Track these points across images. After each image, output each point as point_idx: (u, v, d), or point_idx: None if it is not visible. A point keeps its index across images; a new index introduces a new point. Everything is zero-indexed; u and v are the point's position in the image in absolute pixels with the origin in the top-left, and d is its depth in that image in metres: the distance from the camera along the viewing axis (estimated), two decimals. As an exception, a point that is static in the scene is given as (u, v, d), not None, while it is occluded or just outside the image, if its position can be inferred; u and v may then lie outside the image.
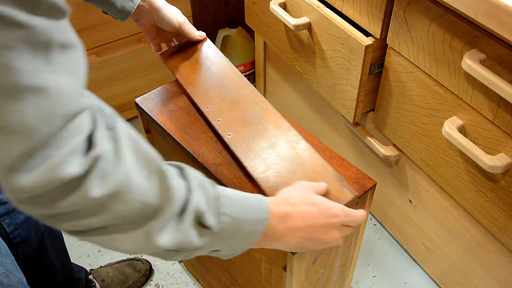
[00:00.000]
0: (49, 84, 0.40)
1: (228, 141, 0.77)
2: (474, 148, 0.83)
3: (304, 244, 0.60)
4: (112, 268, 1.26)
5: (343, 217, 0.61)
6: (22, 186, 0.41)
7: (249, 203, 0.55)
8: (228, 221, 0.52)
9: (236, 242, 0.55)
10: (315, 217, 0.59)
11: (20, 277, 0.81)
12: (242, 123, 0.80)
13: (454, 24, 0.80)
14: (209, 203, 0.51)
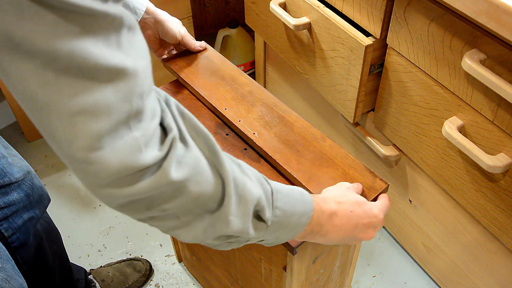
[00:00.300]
0: (127, 65, 0.41)
1: (255, 140, 0.79)
2: (474, 148, 0.83)
3: (344, 241, 0.63)
4: (112, 268, 1.26)
5: (381, 216, 0.65)
6: (106, 167, 0.42)
7: (295, 196, 0.57)
8: (280, 214, 0.54)
9: (283, 234, 0.57)
10: (359, 217, 0.62)
11: (21, 282, 0.81)
12: (264, 123, 0.82)
13: (454, 24, 0.80)
14: (267, 198, 0.53)
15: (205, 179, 0.48)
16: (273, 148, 0.78)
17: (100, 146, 0.41)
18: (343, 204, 0.62)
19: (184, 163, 0.46)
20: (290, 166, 0.75)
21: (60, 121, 0.40)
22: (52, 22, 0.36)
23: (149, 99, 0.44)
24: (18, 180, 0.86)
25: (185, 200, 0.47)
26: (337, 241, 0.63)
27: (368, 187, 0.73)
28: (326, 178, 0.74)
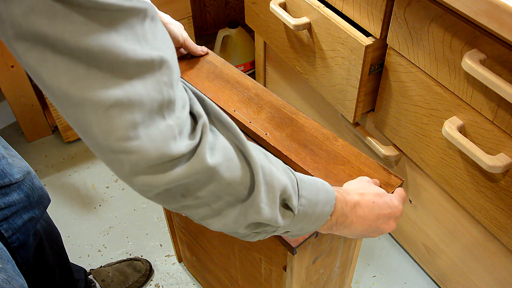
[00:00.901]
0: (154, 56, 0.42)
1: (268, 140, 0.80)
2: (474, 148, 0.83)
3: (367, 232, 0.64)
4: (112, 268, 1.26)
5: (401, 207, 0.66)
6: (144, 155, 0.43)
7: (318, 185, 0.58)
8: (305, 203, 0.55)
9: (308, 223, 0.57)
10: (380, 207, 0.64)
11: (21, 282, 0.81)
12: (275, 124, 0.83)
13: (454, 24, 0.80)
14: (293, 187, 0.54)
15: (235, 165, 0.49)
16: (287, 147, 0.78)
17: (137, 136, 0.42)
18: (366, 195, 0.63)
19: (217, 149, 0.47)
20: (306, 165, 0.76)
21: (95, 115, 0.41)
22: (82, 21, 0.38)
23: (178, 88, 0.45)
24: (18, 180, 0.86)
25: (218, 187, 0.48)
26: (360, 232, 0.63)
27: (384, 183, 0.74)
28: (343, 175, 0.75)
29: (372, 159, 0.77)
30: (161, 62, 0.42)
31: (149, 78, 0.42)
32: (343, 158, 0.77)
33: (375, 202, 0.63)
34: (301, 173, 0.76)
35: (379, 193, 0.65)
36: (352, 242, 0.86)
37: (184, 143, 0.44)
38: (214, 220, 0.52)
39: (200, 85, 0.89)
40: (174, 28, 0.89)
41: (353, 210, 0.61)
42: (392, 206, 0.65)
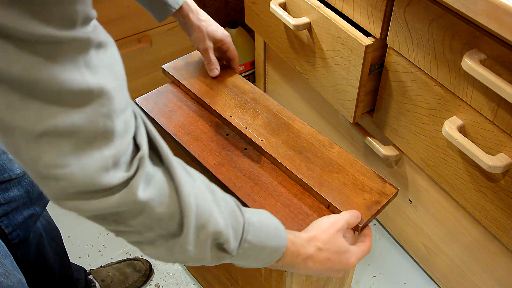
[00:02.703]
0: (93, 87, 0.41)
1: (263, 147, 0.80)
2: (474, 148, 0.83)
3: (315, 275, 0.67)
4: (112, 268, 1.26)
5: (355, 264, 0.66)
6: (73, 183, 0.43)
7: (270, 231, 0.57)
8: (248, 247, 0.55)
9: (251, 263, 0.58)
10: (333, 263, 0.64)
11: (19, 277, 0.81)
12: (270, 130, 0.83)
13: (454, 24, 0.80)
14: (236, 230, 0.53)
15: (168, 203, 0.48)
16: (282, 154, 0.78)
17: (67, 164, 0.42)
18: (323, 251, 0.63)
19: (152, 184, 0.47)
20: (301, 173, 0.76)
21: (25, 142, 0.41)
22: (18, 53, 0.37)
23: (121, 116, 0.44)
24: (18, 176, 0.86)
25: (149, 220, 0.48)
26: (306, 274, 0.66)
27: (379, 192, 0.73)
28: (337, 183, 0.74)
29: (368, 167, 0.77)
30: (100, 92, 0.42)
31: (86, 108, 0.41)
32: (338, 166, 0.77)
33: (330, 259, 0.63)
34: (296, 181, 0.76)
35: (339, 251, 0.64)
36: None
37: (118, 174, 0.44)
38: (148, 248, 0.52)
39: (197, 88, 0.89)
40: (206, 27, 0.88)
41: (303, 262, 0.61)
42: (346, 264, 0.65)
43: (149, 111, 0.87)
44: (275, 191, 0.75)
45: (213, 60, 0.91)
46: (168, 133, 0.84)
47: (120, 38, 1.48)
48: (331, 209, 0.73)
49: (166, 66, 0.95)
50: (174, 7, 0.85)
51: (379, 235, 1.37)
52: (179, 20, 0.88)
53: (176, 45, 1.61)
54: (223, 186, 0.76)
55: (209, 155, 0.80)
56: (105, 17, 1.42)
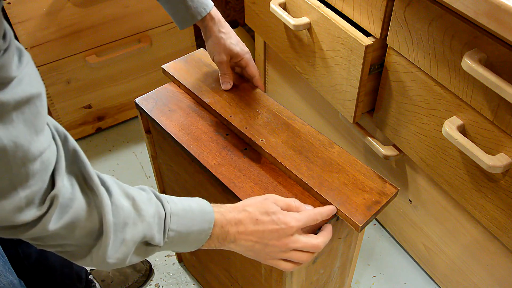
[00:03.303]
0: (4, 143, 0.43)
1: (264, 147, 0.80)
2: (474, 148, 0.83)
3: (256, 248, 0.65)
4: None
5: (292, 224, 0.65)
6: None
7: (194, 216, 0.61)
8: (174, 235, 0.59)
9: (182, 248, 0.62)
10: (265, 224, 0.64)
11: (11, 279, 0.82)
12: (270, 130, 0.82)
13: (454, 24, 0.80)
14: (159, 225, 0.58)
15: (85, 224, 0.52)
16: (282, 154, 0.78)
17: None
18: (251, 213, 0.64)
19: (68, 213, 0.50)
20: (301, 173, 0.76)
21: None
22: None
23: (38, 159, 0.47)
24: None
25: (67, 242, 0.53)
26: (249, 248, 0.65)
27: (378, 192, 0.73)
28: (338, 183, 0.74)
29: (368, 167, 0.77)
30: (15, 147, 0.44)
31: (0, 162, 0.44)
32: (338, 166, 0.77)
33: (259, 219, 0.64)
34: (296, 181, 0.76)
35: (268, 211, 0.64)
36: (352, 242, 0.86)
37: (30, 212, 0.47)
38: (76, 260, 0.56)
39: (197, 88, 0.89)
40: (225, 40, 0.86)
41: (234, 227, 0.63)
42: (279, 222, 0.64)
43: (149, 111, 0.87)
44: (275, 191, 0.75)
45: (227, 73, 0.89)
46: (168, 133, 0.84)
47: (120, 38, 1.48)
48: None
49: (166, 66, 0.95)
50: (196, 18, 0.84)
51: (379, 235, 1.37)
52: (201, 28, 0.88)
53: (176, 45, 1.61)
54: (223, 186, 0.76)
55: (209, 155, 0.80)
56: (105, 17, 1.42)
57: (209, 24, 0.85)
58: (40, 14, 1.31)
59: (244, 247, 0.65)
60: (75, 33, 1.40)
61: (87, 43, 1.44)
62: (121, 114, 1.66)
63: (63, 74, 1.46)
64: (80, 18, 1.38)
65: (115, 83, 1.57)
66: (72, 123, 1.59)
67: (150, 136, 0.97)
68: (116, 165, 1.57)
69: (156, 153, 1.01)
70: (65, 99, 1.52)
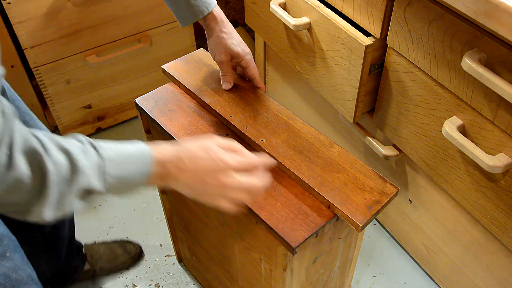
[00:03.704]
0: None
1: (264, 146, 0.80)
2: (474, 148, 0.83)
3: (196, 186, 0.66)
4: (104, 245, 1.30)
5: (229, 161, 0.66)
6: None
7: (133, 160, 0.62)
8: (114, 181, 0.60)
9: (123, 191, 0.63)
10: (204, 161, 0.66)
11: (29, 272, 0.84)
12: (271, 130, 0.82)
13: (454, 24, 0.80)
14: (94, 171, 0.59)
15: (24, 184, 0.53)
16: (283, 154, 0.78)
17: None
18: (191, 151, 0.66)
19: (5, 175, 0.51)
20: (301, 172, 0.76)
21: None
22: None
23: None
24: None
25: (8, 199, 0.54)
26: (190, 185, 0.66)
27: (379, 192, 0.73)
28: (338, 183, 0.74)
29: (368, 167, 0.77)
30: None
31: None
32: (338, 166, 0.77)
33: (199, 156, 0.66)
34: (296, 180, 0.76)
35: (207, 150, 0.66)
36: (352, 242, 0.86)
37: None
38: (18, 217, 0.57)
39: (197, 88, 0.89)
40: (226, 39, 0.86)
41: (174, 166, 0.65)
42: (218, 161, 0.66)
43: (149, 111, 0.87)
44: (275, 191, 0.75)
45: (227, 73, 0.89)
46: (168, 133, 0.84)
47: (120, 38, 1.48)
48: (332, 209, 0.73)
49: (166, 66, 0.95)
50: (198, 16, 0.85)
51: (379, 235, 1.37)
52: (203, 27, 0.88)
53: (176, 45, 1.61)
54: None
55: (209, 155, 0.80)
56: (105, 17, 1.42)
57: (211, 24, 0.86)
58: (40, 14, 1.31)
59: (185, 184, 0.66)
60: (75, 33, 1.39)
61: (87, 43, 1.44)
62: (121, 114, 1.66)
63: (63, 74, 1.46)
64: (80, 18, 1.38)
65: (115, 83, 1.57)
66: (72, 123, 1.59)
67: (150, 136, 0.97)
68: (116, 165, 1.57)
69: (156, 153, 1.00)
70: (65, 99, 1.52)
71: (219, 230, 0.91)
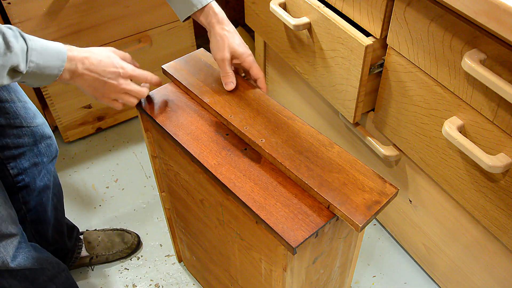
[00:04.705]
0: None
1: (264, 147, 0.80)
2: (474, 148, 0.83)
3: (96, 85, 0.79)
4: (103, 233, 1.33)
5: (130, 72, 0.81)
6: None
7: (52, 53, 0.73)
8: (34, 66, 0.71)
9: (40, 79, 0.74)
10: (106, 64, 0.79)
11: (9, 211, 0.90)
12: (271, 129, 0.82)
13: (454, 24, 0.80)
14: (22, 54, 0.69)
15: None
16: (282, 154, 0.78)
17: None
18: (97, 54, 0.78)
19: None
20: (301, 173, 0.76)
21: None
22: None
23: None
24: (29, 125, 0.96)
25: None
26: (92, 84, 0.78)
27: (379, 192, 0.73)
28: (338, 183, 0.74)
29: (368, 167, 0.77)
30: None
31: None
32: (338, 166, 0.77)
33: (102, 60, 0.78)
34: (295, 181, 0.77)
35: (109, 56, 0.80)
36: (352, 242, 0.86)
37: None
38: None
39: (197, 88, 0.89)
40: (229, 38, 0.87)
41: (81, 64, 0.76)
42: (118, 66, 0.79)
43: (149, 111, 0.87)
44: (275, 191, 0.75)
45: (229, 73, 0.88)
46: (168, 133, 0.84)
47: (120, 38, 1.48)
48: (331, 209, 0.73)
49: (166, 66, 0.95)
50: (196, 6, 0.86)
51: (379, 235, 1.37)
52: (205, 25, 0.88)
53: (176, 45, 1.61)
54: (223, 186, 0.76)
55: (209, 155, 0.80)
56: (105, 17, 1.42)
57: (212, 21, 0.86)
58: (40, 14, 1.31)
59: (87, 82, 0.77)
60: (75, 33, 1.39)
61: (87, 43, 1.44)
62: (121, 114, 1.66)
63: (63, 74, 1.46)
64: (80, 18, 1.38)
65: (115, 83, 1.57)
66: (72, 123, 1.59)
67: (150, 136, 0.97)
68: (116, 165, 1.57)
69: (156, 153, 1.01)
70: (65, 99, 1.52)
71: (219, 230, 0.91)
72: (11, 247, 0.92)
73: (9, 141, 0.95)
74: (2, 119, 0.93)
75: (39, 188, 1.04)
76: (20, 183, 1.00)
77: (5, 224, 0.89)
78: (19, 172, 0.99)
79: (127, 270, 1.31)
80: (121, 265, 1.32)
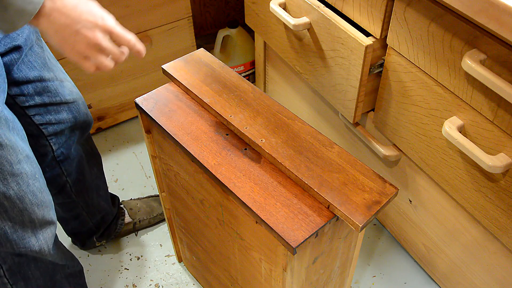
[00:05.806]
0: None
1: (263, 147, 0.80)
2: (474, 148, 0.83)
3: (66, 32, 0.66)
4: (140, 201, 1.39)
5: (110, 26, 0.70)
6: None
7: None
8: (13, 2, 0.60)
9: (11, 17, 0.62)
10: (83, 10, 0.66)
11: (50, 198, 0.90)
12: (270, 130, 0.82)
13: (454, 24, 0.80)
14: None
15: None
16: (282, 154, 0.78)
17: None
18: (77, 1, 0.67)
19: None
20: (301, 173, 0.76)
21: None
22: None
23: None
24: (68, 101, 0.99)
25: None
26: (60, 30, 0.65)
27: (378, 192, 0.73)
28: (337, 183, 0.74)
29: (368, 167, 0.77)
30: None
31: None
32: (338, 166, 0.77)
33: (79, 4, 0.66)
34: (295, 181, 0.77)
35: (89, 3, 0.68)
36: (352, 242, 0.86)
37: None
38: None
39: (197, 88, 0.89)
40: None
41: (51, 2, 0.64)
42: (97, 14, 0.68)
43: (149, 111, 0.87)
44: (275, 191, 0.75)
45: None
46: (168, 133, 0.84)
47: (120, 38, 1.48)
48: (331, 209, 0.73)
49: (166, 66, 0.95)
50: None
51: (379, 235, 1.37)
52: None
53: (176, 45, 1.61)
54: (223, 186, 0.76)
55: (209, 155, 0.80)
56: (105, 17, 1.42)
57: None
58: (40, 14, 1.31)
59: (55, 26, 0.65)
60: (75, 33, 1.39)
61: (87, 43, 1.44)
62: (121, 114, 1.66)
63: (63, 74, 1.46)
64: (80, 18, 1.38)
65: (115, 83, 1.57)
66: (72, 123, 1.59)
67: (150, 136, 0.97)
68: (116, 165, 1.57)
69: (156, 153, 1.01)
70: (65, 99, 1.52)
71: (219, 230, 0.91)
72: (50, 235, 0.91)
73: (52, 118, 0.98)
74: (46, 97, 0.95)
75: (77, 159, 1.08)
76: (60, 157, 1.04)
77: (47, 209, 0.88)
78: (59, 146, 1.03)
79: (127, 270, 1.31)
80: (121, 265, 1.32)
